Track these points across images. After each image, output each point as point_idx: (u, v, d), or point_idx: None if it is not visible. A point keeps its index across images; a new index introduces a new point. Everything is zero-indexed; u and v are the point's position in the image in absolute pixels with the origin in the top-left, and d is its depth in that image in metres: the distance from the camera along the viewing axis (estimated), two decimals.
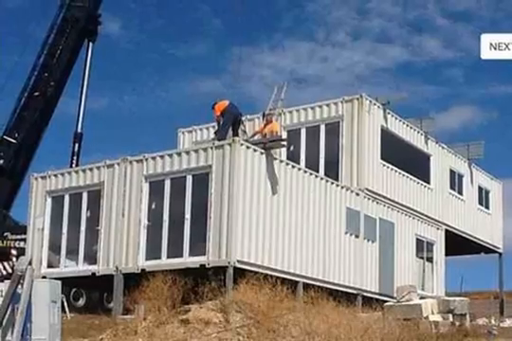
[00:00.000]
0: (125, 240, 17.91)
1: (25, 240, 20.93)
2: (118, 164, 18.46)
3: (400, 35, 69.62)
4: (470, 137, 40.33)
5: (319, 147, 20.96)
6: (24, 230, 21.21)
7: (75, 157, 26.25)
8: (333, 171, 20.41)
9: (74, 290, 20.98)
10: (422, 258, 22.86)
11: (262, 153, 17.35)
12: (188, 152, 17.50)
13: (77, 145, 26.47)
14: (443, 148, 24.88)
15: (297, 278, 17.59)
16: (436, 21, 66.44)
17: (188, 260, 16.76)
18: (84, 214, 19.01)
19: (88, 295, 21.67)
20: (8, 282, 11.32)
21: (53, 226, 19.44)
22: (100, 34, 27.21)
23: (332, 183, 19.36)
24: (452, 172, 25.33)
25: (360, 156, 20.49)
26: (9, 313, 11.02)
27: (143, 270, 17.16)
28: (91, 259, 18.63)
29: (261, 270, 16.18)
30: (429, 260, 23.26)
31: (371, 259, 20.32)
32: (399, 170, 22.24)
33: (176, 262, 16.81)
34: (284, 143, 18.77)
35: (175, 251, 17.06)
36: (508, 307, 25.88)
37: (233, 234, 16.24)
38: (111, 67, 57.11)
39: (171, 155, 17.67)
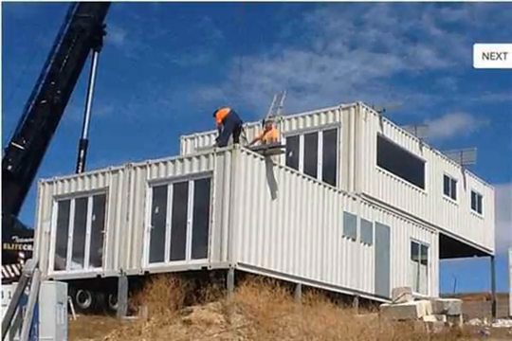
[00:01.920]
0: (129, 243, 18.10)
1: (32, 243, 21.16)
2: (123, 170, 18.69)
3: (395, 45, 69.69)
4: (463, 144, 40.84)
5: (317, 153, 21.17)
6: (31, 234, 21.37)
7: (81, 163, 26.46)
8: (330, 177, 20.60)
9: (80, 291, 21.07)
10: (417, 260, 23.07)
11: (261, 159, 17.57)
12: (190, 159, 17.70)
13: (83, 151, 26.68)
14: (437, 154, 25.05)
15: (295, 280, 17.79)
16: (430, 31, 66.38)
17: (190, 263, 16.92)
18: (90, 218, 19.19)
19: (94, 296, 21.72)
20: (16, 284, 11.54)
21: (60, 230, 19.65)
22: (105, 44, 27.49)
23: (329, 188, 19.59)
24: (446, 178, 25.49)
25: (357, 162, 20.68)
26: (17, 313, 11.22)
27: (147, 272, 17.32)
28: (96, 261, 18.82)
29: (261, 272, 16.42)
30: (424, 262, 23.47)
31: (367, 261, 20.54)
32: (395, 176, 22.44)
33: (179, 265, 16.96)
34: (284, 149, 19.04)
35: (178, 254, 17.24)
36: (500, 308, 25.68)
37: (234, 237, 16.44)
38: (116, 76, 57.27)
39: (173, 161, 17.89)
